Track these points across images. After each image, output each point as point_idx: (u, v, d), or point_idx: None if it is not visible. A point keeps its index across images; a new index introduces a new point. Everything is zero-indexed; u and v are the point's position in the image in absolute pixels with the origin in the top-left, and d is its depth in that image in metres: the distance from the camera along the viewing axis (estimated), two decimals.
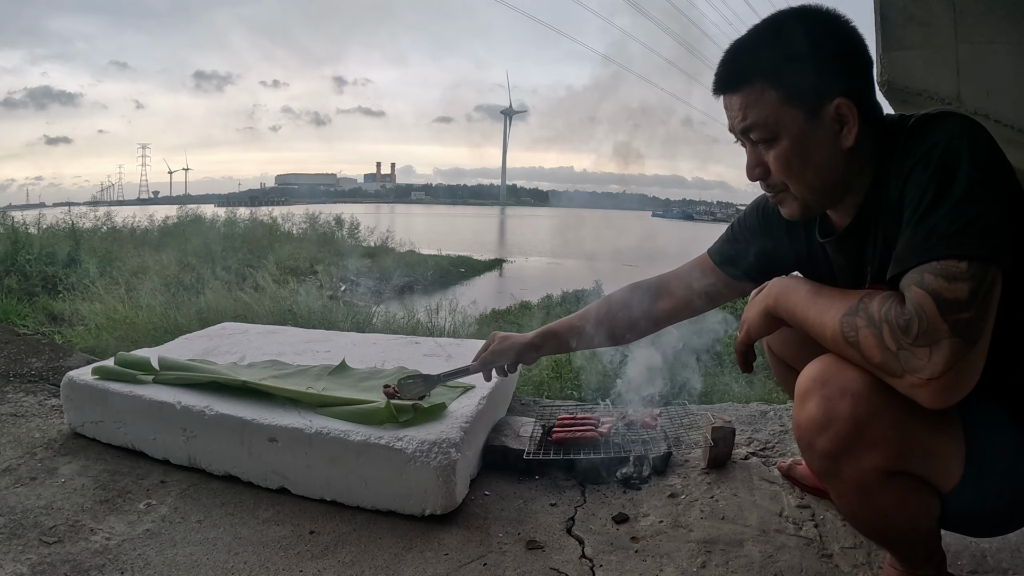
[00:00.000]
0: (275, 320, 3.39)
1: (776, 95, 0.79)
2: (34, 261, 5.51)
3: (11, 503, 1.29)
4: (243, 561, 1.14)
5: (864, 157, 0.81)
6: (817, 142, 0.80)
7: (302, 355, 1.87)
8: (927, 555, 0.90)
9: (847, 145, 0.79)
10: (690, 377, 2.11)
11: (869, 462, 0.77)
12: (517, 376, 1.94)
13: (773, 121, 0.80)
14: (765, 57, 0.80)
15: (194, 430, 1.45)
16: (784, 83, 0.79)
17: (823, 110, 0.78)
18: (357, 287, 6.84)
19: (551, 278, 10.78)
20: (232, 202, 35.13)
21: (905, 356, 0.69)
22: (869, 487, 0.79)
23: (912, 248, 0.71)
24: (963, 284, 0.67)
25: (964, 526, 0.87)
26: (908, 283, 0.70)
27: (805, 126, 0.79)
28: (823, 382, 0.78)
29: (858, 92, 0.79)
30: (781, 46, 0.79)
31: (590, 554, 1.17)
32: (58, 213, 8.53)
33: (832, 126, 0.79)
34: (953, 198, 0.69)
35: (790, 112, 0.79)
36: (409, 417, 1.35)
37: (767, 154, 0.83)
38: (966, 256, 0.67)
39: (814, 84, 0.78)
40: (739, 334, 0.95)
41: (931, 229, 0.69)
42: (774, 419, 1.74)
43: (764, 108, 0.80)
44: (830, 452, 0.79)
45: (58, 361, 2.20)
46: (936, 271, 0.68)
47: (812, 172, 0.82)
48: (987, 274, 0.67)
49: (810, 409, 0.79)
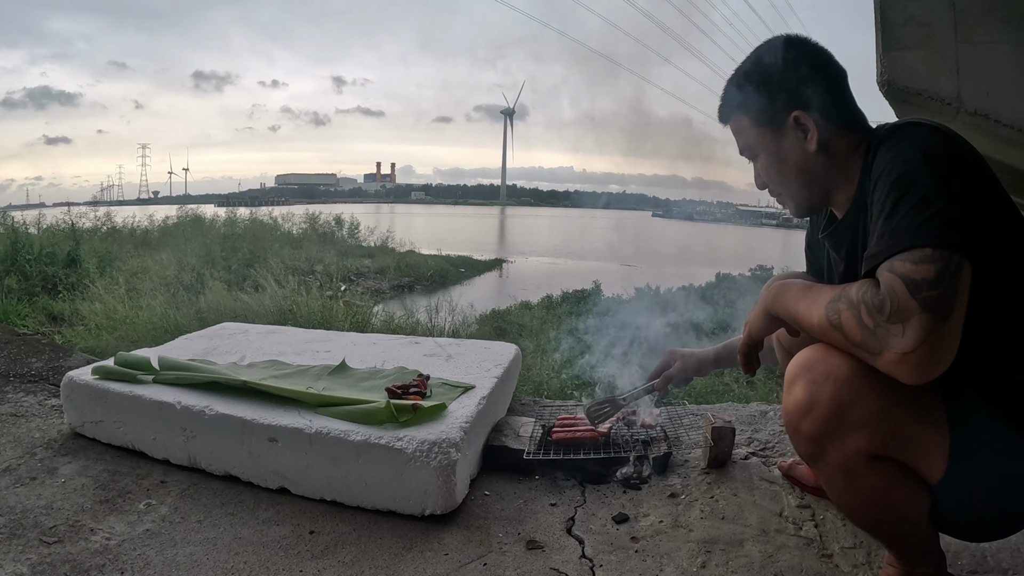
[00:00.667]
0: (275, 320, 3.39)
1: (748, 121, 0.97)
2: (34, 261, 5.52)
3: (11, 503, 1.29)
4: (243, 561, 1.14)
5: (842, 159, 0.92)
6: (786, 151, 0.94)
7: (302, 355, 1.87)
8: (923, 552, 0.91)
9: (812, 149, 0.91)
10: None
11: (852, 445, 0.81)
12: (517, 376, 1.94)
13: (753, 142, 0.98)
14: (736, 93, 0.97)
15: (194, 430, 1.45)
16: (750, 111, 0.96)
17: (784, 123, 0.93)
18: (357, 287, 6.84)
19: (551, 278, 10.79)
20: (232, 202, 35.12)
21: (882, 333, 0.74)
22: (853, 470, 0.83)
23: (881, 244, 0.77)
24: (929, 265, 0.72)
25: (957, 526, 0.88)
26: (881, 271, 0.76)
27: (774, 140, 0.94)
28: (808, 367, 0.84)
29: (816, 103, 0.91)
30: (745, 81, 0.96)
31: (590, 554, 1.17)
32: (58, 213, 8.54)
33: (797, 135, 0.92)
34: (913, 200, 0.75)
35: (761, 132, 0.96)
36: (409, 417, 1.35)
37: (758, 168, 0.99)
38: (929, 244, 0.73)
39: (771, 105, 0.93)
40: (743, 336, 1.01)
41: (895, 226, 0.76)
42: (774, 419, 1.74)
43: (745, 133, 0.98)
44: (814, 435, 0.83)
45: (58, 361, 2.20)
46: (904, 258, 0.74)
47: (789, 176, 0.96)
48: (951, 258, 0.72)
49: (796, 393, 0.84)
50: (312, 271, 7.63)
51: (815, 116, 0.91)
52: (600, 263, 12.72)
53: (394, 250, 13.65)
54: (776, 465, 1.45)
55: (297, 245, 11.26)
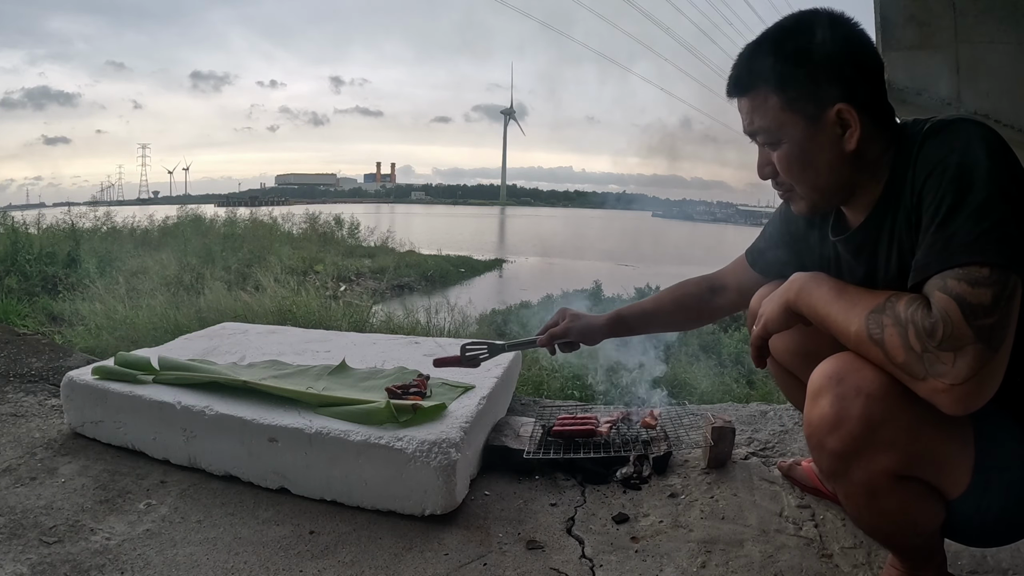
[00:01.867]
0: (275, 320, 3.39)
1: (778, 101, 0.82)
2: (34, 261, 5.52)
3: (11, 503, 1.29)
4: (243, 561, 1.14)
5: (873, 159, 0.82)
6: (819, 146, 0.81)
7: (302, 355, 1.87)
8: (928, 557, 0.90)
9: (850, 149, 0.80)
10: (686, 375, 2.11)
11: (879, 465, 0.77)
12: (517, 376, 1.94)
13: (776, 126, 0.83)
14: (768, 64, 0.82)
15: (194, 430, 1.45)
16: (785, 90, 0.81)
17: (824, 115, 0.80)
18: (357, 287, 6.84)
19: (551, 278, 10.80)
20: (232, 202, 35.13)
21: (929, 359, 0.68)
22: (877, 490, 0.79)
23: (933, 255, 0.71)
24: (986, 289, 0.66)
25: (964, 534, 0.87)
26: (932, 288, 0.70)
27: (807, 131, 0.81)
28: (838, 380, 0.77)
29: (861, 97, 0.79)
30: (783, 53, 0.81)
31: (590, 554, 1.17)
32: (58, 213, 8.53)
33: (834, 130, 0.80)
34: (971, 205, 0.69)
35: (791, 117, 0.81)
36: (409, 417, 1.35)
37: (773, 154, 0.86)
38: (987, 262, 0.67)
39: (814, 91, 0.79)
40: (756, 327, 0.93)
41: (951, 236, 0.69)
42: (774, 419, 1.74)
43: (768, 113, 0.83)
44: (840, 452, 0.78)
45: (58, 361, 2.20)
46: (959, 276, 0.68)
47: (815, 174, 0.84)
48: (1008, 280, 0.67)
49: (823, 407, 0.78)
50: (312, 271, 7.63)
51: (859, 113, 0.79)
52: (600, 263, 12.73)
53: (394, 250, 13.65)
54: (776, 465, 1.45)
55: (297, 245, 11.26)
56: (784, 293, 0.88)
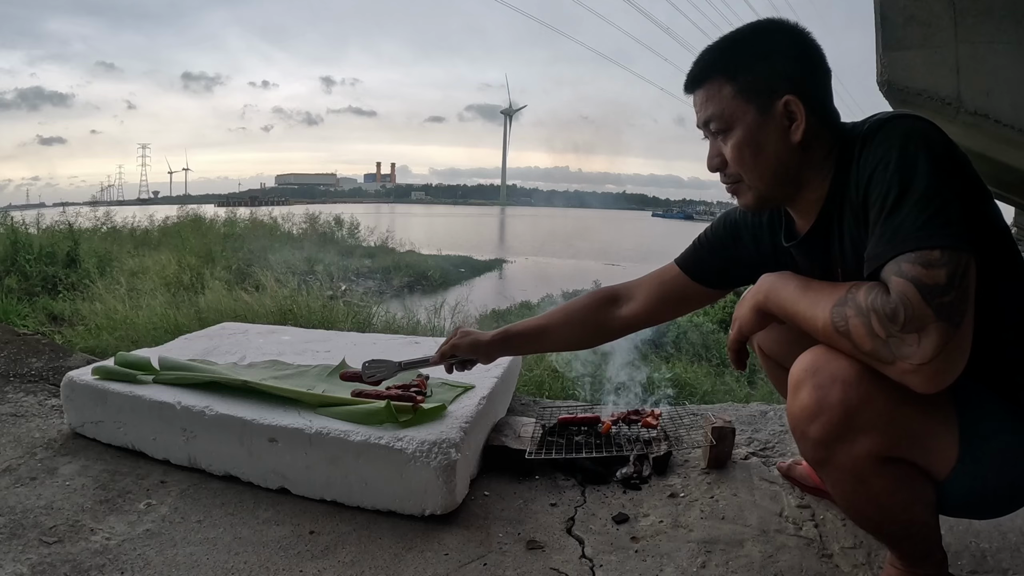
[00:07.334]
0: (275, 320, 3.39)
1: (731, 89, 0.86)
2: (34, 261, 5.51)
3: (11, 503, 1.29)
4: (243, 561, 1.14)
5: (819, 157, 0.86)
6: (768, 134, 0.86)
7: (302, 355, 1.87)
8: (926, 552, 0.91)
9: (796, 140, 0.85)
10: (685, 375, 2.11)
11: (861, 448, 0.79)
12: (517, 376, 1.94)
13: (729, 113, 0.87)
14: (724, 56, 0.88)
15: (194, 430, 1.45)
16: (739, 78, 0.86)
17: (773, 106, 0.84)
18: (357, 287, 6.84)
19: (551, 278, 10.80)
20: (232, 202, 35.16)
21: (895, 343, 0.71)
22: (862, 474, 0.81)
23: (883, 244, 0.74)
24: (940, 269, 0.69)
25: (967, 510, 0.88)
26: (888, 274, 0.72)
27: (757, 119, 0.85)
28: (814, 371, 0.80)
29: (809, 93, 0.84)
30: (739, 47, 0.87)
31: (590, 554, 1.17)
32: (56, 213, 8.53)
33: (782, 121, 0.85)
34: (916, 194, 0.72)
35: (743, 105, 0.86)
36: (409, 417, 1.35)
37: (724, 145, 0.89)
38: (937, 245, 0.70)
39: (765, 81, 0.85)
40: (731, 332, 0.97)
41: (899, 225, 0.73)
42: (774, 419, 1.74)
43: (721, 101, 0.87)
44: (822, 439, 0.81)
45: (58, 361, 2.20)
46: (912, 260, 0.71)
47: (763, 162, 0.87)
48: (960, 258, 0.70)
49: (802, 398, 0.81)
50: (312, 271, 7.63)
51: (806, 107, 0.84)
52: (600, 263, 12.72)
53: (394, 250, 13.66)
54: (776, 465, 1.45)
55: (297, 245, 11.25)
56: (754, 295, 0.91)
